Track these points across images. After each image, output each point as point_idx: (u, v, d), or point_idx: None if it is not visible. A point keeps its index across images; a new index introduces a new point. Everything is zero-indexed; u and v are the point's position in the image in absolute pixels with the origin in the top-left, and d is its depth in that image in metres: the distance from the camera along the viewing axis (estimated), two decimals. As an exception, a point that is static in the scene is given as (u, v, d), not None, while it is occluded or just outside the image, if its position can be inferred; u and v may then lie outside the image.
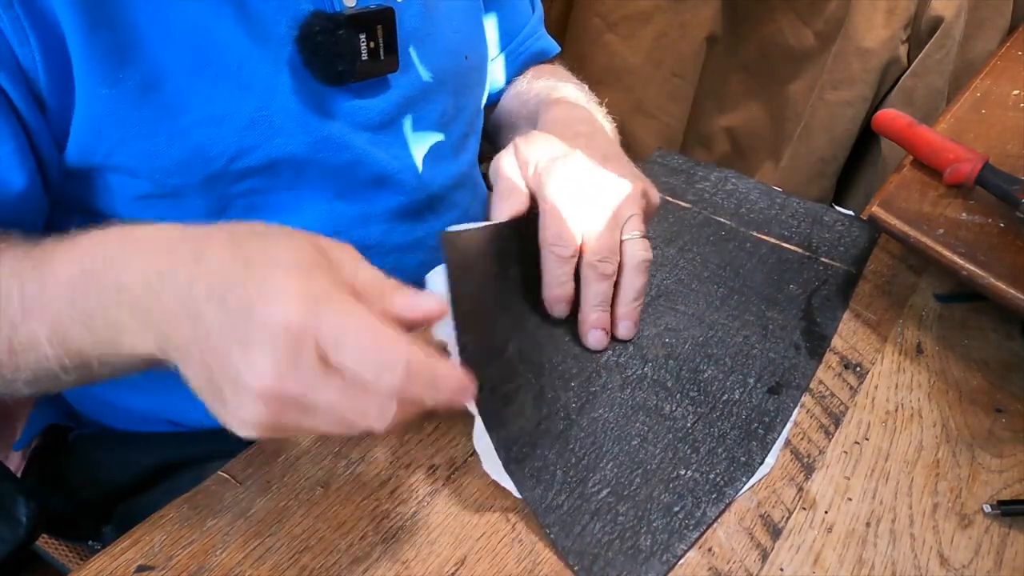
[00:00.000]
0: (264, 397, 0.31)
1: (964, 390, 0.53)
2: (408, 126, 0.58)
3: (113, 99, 0.44)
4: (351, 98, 0.53)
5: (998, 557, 0.43)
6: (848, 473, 0.47)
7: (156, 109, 0.46)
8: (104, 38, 0.43)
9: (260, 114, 0.49)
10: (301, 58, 0.49)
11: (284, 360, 0.31)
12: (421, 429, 0.46)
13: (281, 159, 0.51)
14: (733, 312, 0.57)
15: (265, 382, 0.31)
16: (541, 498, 0.42)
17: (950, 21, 1.03)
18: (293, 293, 0.32)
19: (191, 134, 0.47)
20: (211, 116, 0.47)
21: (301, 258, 0.34)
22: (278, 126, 0.50)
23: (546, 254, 0.49)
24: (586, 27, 1.26)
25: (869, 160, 1.18)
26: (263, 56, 0.48)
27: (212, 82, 0.47)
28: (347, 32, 0.49)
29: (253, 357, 0.31)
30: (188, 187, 0.49)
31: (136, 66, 0.45)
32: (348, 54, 0.50)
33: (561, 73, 0.74)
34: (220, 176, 0.49)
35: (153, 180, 0.48)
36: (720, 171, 0.74)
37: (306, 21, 0.49)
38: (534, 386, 0.47)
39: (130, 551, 0.39)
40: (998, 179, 0.59)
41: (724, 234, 0.66)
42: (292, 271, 0.33)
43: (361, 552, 0.40)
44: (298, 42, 0.49)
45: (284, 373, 0.31)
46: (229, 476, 0.43)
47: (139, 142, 0.46)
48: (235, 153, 0.49)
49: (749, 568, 0.41)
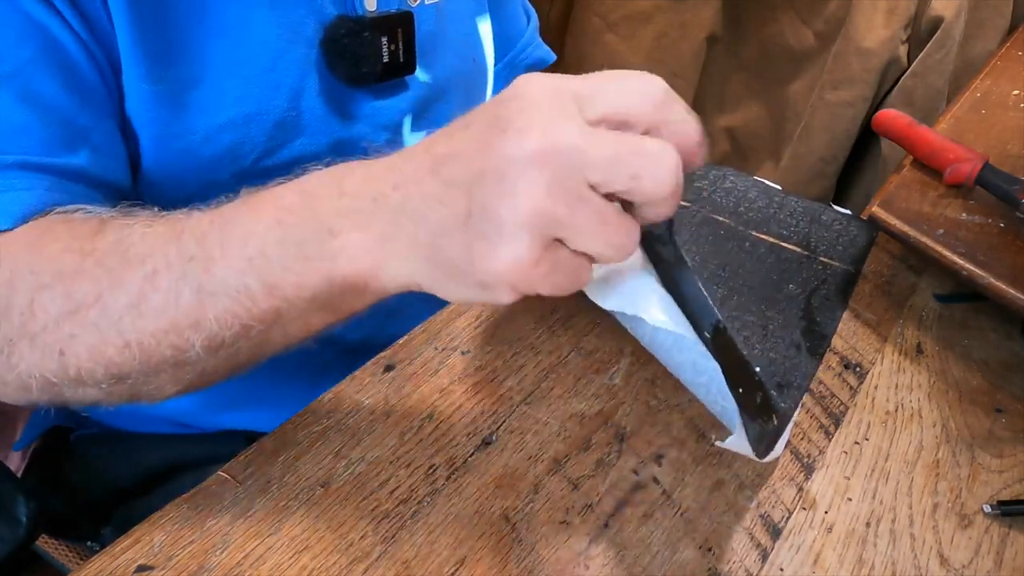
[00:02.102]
0: (543, 166, 0.29)
1: (964, 390, 0.53)
2: (424, 126, 0.59)
3: (155, 95, 0.45)
4: (371, 99, 0.55)
5: (998, 557, 0.43)
6: (848, 473, 0.47)
7: (194, 107, 0.47)
8: (151, 38, 0.44)
9: (288, 114, 0.50)
10: (326, 60, 0.51)
11: (555, 122, 0.29)
12: (421, 429, 0.46)
13: (303, 158, 0.52)
14: (733, 312, 0.57)
15: (543, 145, 0.29)
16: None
17: (950, 21, 1.03)
18: (543, 126, 0.29)
19: (225, 133, 0.48)
20: (244, 115, 0.49)
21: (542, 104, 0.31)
22: (303, 126, 0.51)
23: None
24: (586, 27, 1.26)
25: (869, 160, 1.18)
26: (294, 57, 0.50)
27: (247, 81, 0.48)
28: (371, 35, 0.51)
29: (525, 133, 0.29)
30: (215, 184, 0.49)
31: (179, 66, 0.45)
32: (371, 56, 0.52)
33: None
34: (246, 173, 0.50)
35: (184, 177, 0.49)
36: (718, 169, 0.74)
37: (332, 24, 0.50)
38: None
39: (130, 551, 0.39)
40: (998, 179, 0.59)
41: (723, 233, 0.66)
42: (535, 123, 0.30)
43: (361, 552, 0.40)
44: (324, 44, 0.50)
45: (556, 131, 0.29)
46: (229, 476, 0.43)
47: (175, 140, 0.47)
48: (263, 152, 0.50)
49: (749, 568, 0.41)
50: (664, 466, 0.46)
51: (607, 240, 0.30)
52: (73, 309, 0.37)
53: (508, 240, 0.30)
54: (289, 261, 0.35)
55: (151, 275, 0.36)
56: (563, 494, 0.44)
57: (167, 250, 0.37)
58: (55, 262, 0.38)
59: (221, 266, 0.36)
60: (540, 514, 0.43)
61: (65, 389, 0.39)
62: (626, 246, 0.31)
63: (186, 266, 0.36)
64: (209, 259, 0.36)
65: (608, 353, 0.52)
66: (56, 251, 0.38)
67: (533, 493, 0.44)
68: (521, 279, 0.31)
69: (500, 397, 0.49)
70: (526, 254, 0.30)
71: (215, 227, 0.37)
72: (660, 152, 0.30)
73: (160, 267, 0.37)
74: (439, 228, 0.32)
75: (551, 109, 0.29)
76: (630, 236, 0.31)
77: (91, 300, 0.37)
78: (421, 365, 0.50)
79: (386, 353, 0.51)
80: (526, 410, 0.48)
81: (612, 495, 0.44)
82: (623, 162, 0.29)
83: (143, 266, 0.37)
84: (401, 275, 0.34)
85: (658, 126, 0.32)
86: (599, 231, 0.30)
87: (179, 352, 0.37)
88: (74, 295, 0.37)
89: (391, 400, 0.47)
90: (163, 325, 0.37)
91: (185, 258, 0.36)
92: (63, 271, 0.38)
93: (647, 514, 0.44)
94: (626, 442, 0.47)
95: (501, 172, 0.29)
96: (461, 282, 0.32)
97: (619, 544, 0.42)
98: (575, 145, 0.29)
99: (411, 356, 0.51)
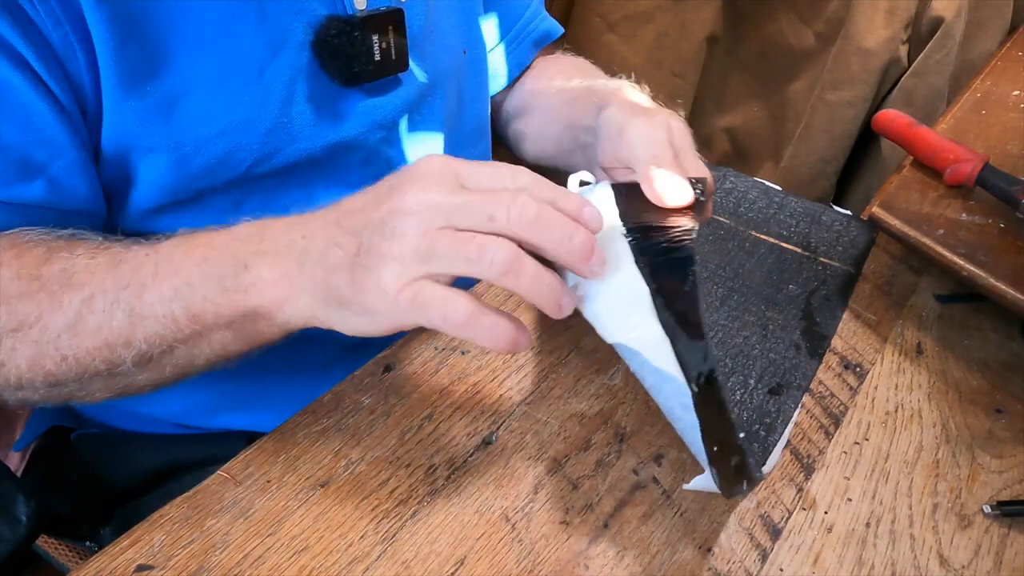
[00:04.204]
0: (417, 215, 0.36)
1: (964, 390, 0.53)
2: (417, 122, 0.59)
3: (143, 110, 0.46)
4: (364, 98, 0.54)
5: (998, 558, 0.43)
6: (848, 473, 0.47)
7: (184, 119, 0.47)
8: (134, 52, 0.44)
9: (280, 120, 0.50)
10: (318, 62, 0.51)
11: (431, 186, 0.36)
12: (421, 429, 0.46)
13: (298, 162, 0.52)
14: (733, 312, 0.57)
15: (418, 201, 0.36)
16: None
17: (950, 21, 1.03)
18: (429, 168, 0.37)
19: (217, 142, 0.48)
20: (235, 124, 0.49)
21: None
22: (296, 132, 0.51)
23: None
24: (586, 27, 1.26)
25: (869, 160, 1.18)
26: (282, 64, 0.49)
27: (236, 91, 0.48)
28: (361, 34, 0.51)
29: (407, 193, 0.37)
30: (209, 190, 0.50)
31: (163, 78, 0.46)
32: (363, 55, 0.51)
33: (589, 69, 0.73)
34: (241, 180, 0.51)
35: (178, 186, 0.49)
36: (718, 169, 0.74)
37: (322, 25, 0.50)
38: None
39: (130, 550, 0.39)
40: (998, 179, 0.59)
41: (723, 233, 0.66)
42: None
43: (361, 552, 0.40)
44: (315, 46, 0.50)
45: (431, 192, 0.36)
46: (229, 476, 0.43)
47: (167, 152, 0.47)
48: (257, 159, 0.50)
49: (749, 568, 0.41)
50: (664, 466, 0.46)
51: (464, 254, 0.35)
52: (16, 327, 0.42)
53: (382, 269, 0.36)
54: (209, 291, 0.41)
55: (88, 299, 0.42)
56: (563, 494, 0.44)
57: (104, 278, 0.42)
58: (4, 286, 0.43)
59: (152, 293, 0.41)
60: (540, 514, 0.43)
61: (5, 392, 0.45)
62: (487, 258, 0.36)
63: (120, 292, 0.42)
64: (142, 286, 0.41)
65: (608, 353, 0.52)
66: (6, 277, 0.43)
67: (533, 493, 0.44)
68: (392, 304, 0.36)
69: (500, 397, 0.49)
70: (394, 280, 0.36)
71: (150, 259, 0.42)
72: (515, 196, 0.36)
73: (97, 292, 0.42)
74: (333, 265, 0.38)
75: (432, 177, 0.37)
76: (490, 249, 0.36)
77: (33, 320, 0.42)
78: (421, 365, 0.50)
79: (386, 353, 0.51)
80: (526, 410, 0.48)
81: (612, 495, 0.44)
82: (479, 206, 0.36)
83: (81, 291, 0.42)
84: (301, 307, 0.40)
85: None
86: (457, 248, 0.36)
87: (112, 366, 0.43)
88: (17, 314, 0.42)
89: (391, 400, 0.48)
90: (97, 343, 0.42)
91: (121, 285, 0.42)
92: (10, 294, 0.43)
93: (647, 514, 0.44)
94: (626, 442, 0.47)
95: (383, 220, 0.37)
96: (348, 311, 0.38)
97: (619, 544, 0.42)
98: (441, 198, 0.36)
99: (411, 356, 0.51)
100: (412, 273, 0.36)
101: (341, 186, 0.56)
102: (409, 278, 0.36)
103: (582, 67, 0.74)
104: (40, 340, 0.42)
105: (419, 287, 0.36)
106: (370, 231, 0.37)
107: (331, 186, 0.55)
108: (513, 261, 0.36)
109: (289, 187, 0.53)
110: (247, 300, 0.40)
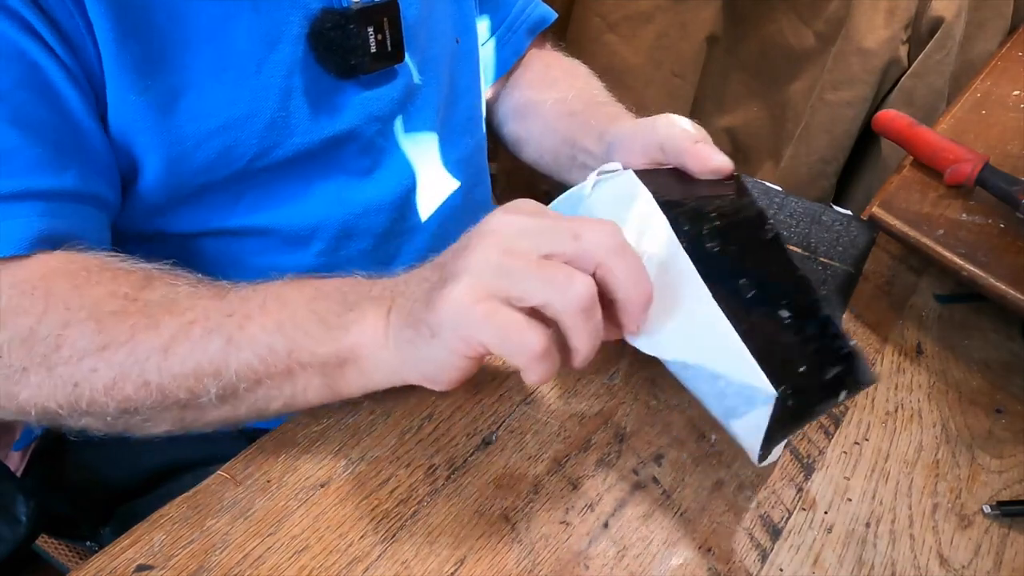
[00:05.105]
0: (499, 234, 0.36)
1: (964, 391, 0.53)
2: (412, 113, 0.59)
3: (143, 106, 0.46)
4: (361, 91, 0.55)
5: (998, 558, 0.43)
6: (848, 473, 0.47)
7: (183, 115, 0.47)
8: (134, 48, 0.44)
9: (278, 115, 0.50)
10: (314, 55, 0.51)
11: (517, 210, 0.38)
12: (421, 429, 0.46)
13: (296, 155, 0.53)
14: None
15: (503, 222, 0.37)
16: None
17: (950, 22, 1.03)
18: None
19: (216, 137, 0.49)
20: (234, 119, 0.49)
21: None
22: (294, 125, 0.52)
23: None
24: (586, 27, 1.26)
25: (869, 160, 1.18)
26: (279, 58, 0.50)
27: (233, 86, 0.48)
28: (357, 26, 0.51)
29: (491, 218, 0.38)
30: (210, 184, 0.50)
31: (164, 74, 0.46)
32: (359, 48, 0.52)
33: (585, 76, 0.73)
34: (241, 174, 0.51)
35: (178, 182, 0.49)
36: None
37: (318, 18, 0.50)
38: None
39: (130, 550, 0.39)
40: (998, 179, 0.59)
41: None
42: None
43: (361, 552, 0.40)
44: (311, 39, 0.50)
45: (517, 213, 0.37)
46: (229, 476, 0.43)
47: (167, 148, 0.47)
48: (256, 154, 0.51)
49: (749, 568, 0.41)
50: (664, 466, 0.46)
51: (547, 278, 0.35)
52: (102, 346, 0.40)
53: (457, 281, 0.35)
54: (312, 327, 0.40)
55: (189, 323, 0.40)
56: (563, 494, 0.44)
57: (208, 305, 0.41)
58: (96, 302, 0.41)
59: (255, 324, 0.40)
60: (540, 514, 0.43)
61: (67, 418, 0.42)
62: (572, 289, 0.35)
63: (224, 320, 0.40)
64: (247, 316, 0.41)
65: (608, 353, 0.52)
66: (101, 293, 0.41)
67: (533, 493, 0.44)
68: (463, 314, 0.35)
69: (500, 397, 0.49)
70: (469, 291, 0.35)
71: (259, 293, 0.42)
72: (601, 223, 0.37)
73: (200, 318, 0.41)
74: (419, 295, 0.39)
75: (518, 206, 0.38)
76: (577, 280, 0.35)
77: (123, 340, 0.40)
78: (421, 365, 0.50)
79: (386, 353, 0.51)
80: (526, 410, 0.48)
81: (612, 495, 0.44)
82: (565, 224, 0.37)
83: (184, 316, 0.41)
84: (388, 357, 0.40)
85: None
86: (542, 270, 0.35)
87: (193, 396, 0.41)
88: (108, 333, 0.40)
89: (391, 400, 0.47)
90: (187, 369, 0.40)
91: (225, 313, 0.41)
92: (102, 311, 0.41)
93: (647, 514, 0.44)
94: (626, 442, 0.47)
95: (466, 244, 0.37)
96: (419, 338, 0.38)
97: (619, 544, 0.42)
98: (528, 219, 0.37)
99: (411, 356, 0.51)
100: (488, 288, 0.35)
101: (340, 180, 0.56)
102: (485, 292, 0.35)
103: (579, 73, 0.74)
104: (125, 363, 0.40)
105: (497, 307, 0.35)
106: (453, 255, 0.38)
107: (329, 177, 0.55)
108: (593, 301, 0.35)
109: (287, 180, 0.54)
110: (347, 338, 0.40)
